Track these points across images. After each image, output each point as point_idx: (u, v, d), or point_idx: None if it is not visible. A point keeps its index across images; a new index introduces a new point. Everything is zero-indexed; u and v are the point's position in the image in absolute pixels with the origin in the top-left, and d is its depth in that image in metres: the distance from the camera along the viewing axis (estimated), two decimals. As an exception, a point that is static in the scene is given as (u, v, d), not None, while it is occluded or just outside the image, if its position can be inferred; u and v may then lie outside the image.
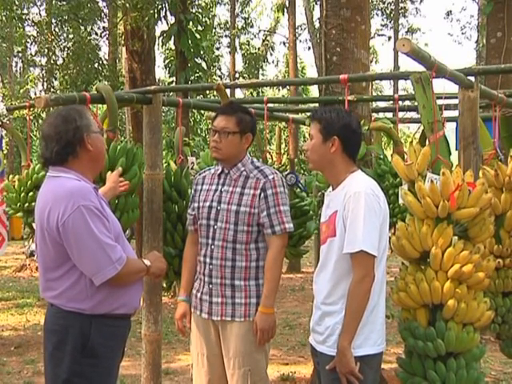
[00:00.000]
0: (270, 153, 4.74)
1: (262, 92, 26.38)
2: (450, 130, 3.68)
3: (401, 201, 3.03)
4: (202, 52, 13.10)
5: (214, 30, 20.84)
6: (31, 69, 16.49)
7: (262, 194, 3.08)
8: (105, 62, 12.98)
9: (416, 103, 3.02)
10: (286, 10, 21.38)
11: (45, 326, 2.67)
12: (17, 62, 24.75)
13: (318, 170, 2.99)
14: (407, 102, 4.85)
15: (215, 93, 4.82)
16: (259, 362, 3.11)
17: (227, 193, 3.13)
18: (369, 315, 2.61)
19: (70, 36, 12.17)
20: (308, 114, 5.30)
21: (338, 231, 2.62)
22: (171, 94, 11.81)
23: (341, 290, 2.62)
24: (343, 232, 2.60)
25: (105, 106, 3.77)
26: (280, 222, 3.07)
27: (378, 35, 26.75)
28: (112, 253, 2.48)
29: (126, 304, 2.63)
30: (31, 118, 10.91)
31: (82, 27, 11.84)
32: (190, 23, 12.48)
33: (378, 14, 25.06)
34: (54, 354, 2.58)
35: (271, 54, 26.67)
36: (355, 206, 2.56)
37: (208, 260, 3.14)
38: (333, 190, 2.79)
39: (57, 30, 12.26)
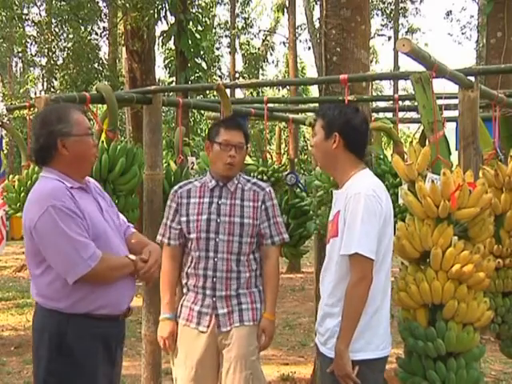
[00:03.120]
0: (269, 153, 4.74)
1: (262, 92, 26.34)
2: (450, 129, 3.67)
3: (401, 201, 3.04)
4: (201, 52, 13.11)
5: (214, 30, 20.83)
6: (31, 69, 16.50)
7: (263, 206, 3.16)
8: (105, 62, 12.99)
9: (416, 103, 3.02)
10: (286, 9, 21.37)
11: (32, 325, 2.69)
12: (17, 62, 24.77)
13: (323, 168, 2.95)
14: (407, 102, 4.85)
15: (215, 93, 4.82)
16: (258, 365, 3.14)
17: (226, 205, 3.13)
18: (370, 319, 2.56)
19: (70, 36, 12.16)
20: (308, 114, 5.30)
21: (340, 232, 2.60)
22: (171, 94, 11.80)
23: (340, 291, 2.59)
24: (343, 233, 2.58)
25: (105, 106, 3.77)
26: (278, 232, 3.19)
27: (378, 35, 26.76)
28: (83, 250, 2.46)
29: (107, 305, 2.58)
30: (31, 117, 10.90)
31: (82, 27, 11.84)
32: (190, 23, 12.49)
33: (377, 14, 25.04)
34: (36, 352, 2.59)
35: (271, 54, 26.67)
36: (354, 208, 2.53)
37: (210, 273, 3.11)
38: (339, 188, 2.75)
39: (57, 30, 12.25)
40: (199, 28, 13.04)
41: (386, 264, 2.64)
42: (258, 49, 26.39)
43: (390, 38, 26.47)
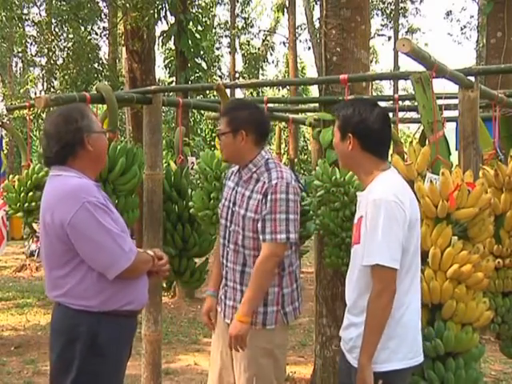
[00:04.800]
0: (269, 153, 4.73)
1: (262, 92, 26.34)
2: (450, 129, 3.67)
3: (400, 201, 3.03)
4: (201, 52, 13.08)
5: (214, 30, 20.83)
6: (31, 69, 16.48)
7: (264, 200, 2.91)
8: (105, 62, 12.99)
9: (416, 103, 3.02)
10: (286, 9, 21.43)
11: (52, 327, 2.64)
12: (17, 62, 24.72)
13: (346, 168, 2.83)
14: (407, 102, 4.84)
15: (215, 93, 4.82)
16: (265, 368, 3.01)
17: (239, 194, 3.03)
18: (395, 327, 2.40)
19: (70, 36, 12.15)
20: (308, 114, 5.30)
21: (362, 239, 2.44)
22: (171, 94, 11.80)
23: (363, 301, 2.43)
24: (365, 241, 2.43)
25: (105, 106, 3.77)
26: (272, 230, 2.87)
27: (378, 35, 26.79)
28: (124, 244, 2.49)
29: (133, 300, 2.61)
30: (31, 117, 10.90)
31: (82, 27, 11.83)
32: (190, 23, 12.47)
33: (377, 14, 25.09)
34: (63, 353, 2.55)
35: (271, 54, 26.71)
36: (374, 216, 2.37)
37: (224, 262, 3.09)
38: (363, 189, 2.59)
39: (57, 30, 12.24)
40: (199, 28, 13.02)
41: (413, 267, 2.48)
42: (258, 49, 26.40)
43: (390, 38, 26.51)
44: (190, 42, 12.29)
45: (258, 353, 3.00)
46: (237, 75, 23.41)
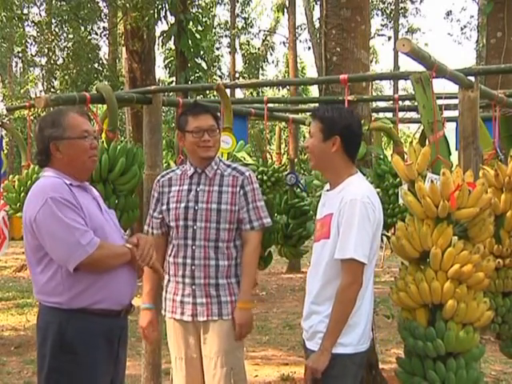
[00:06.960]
0: (269, 153, 4.73)
1: (262, 92, 26.33)
2: (450, 129, 3.67)
3: (401, 201, 3.04)
4: (201, 52, 13.10)
5: (214, 30, 20.85)
6: (31, 69, 16.50)
7: (242, 191, 3.11)
8: (105, 62, 13.01)
9: (416, 103, 3.03)
10: (286, 9, 21.43)
11: (35, 324, 2.72)
12: (17, 62, 24.75)
13: (318, 169, 2.95)
14: (407, 102, 4.85)
15: (215, 93, 4.82)
16: (240, 361, 3.12)
17: (204, 192, 3.11)
18: (352, 316, 2.61)
19: (70, 36, 12.18)
20: (308, 113, 5.30)
21: (332, 235, 2.62)
22: (171, 93, 11.80)
23: (329, 291, 2.63)
24: (337, 236, 2.60)
25: (105, 106, 3.77)
26: (258, 217, 3.13)
27: (378, 35, 26.77)
28: (82, 237, 2.50)
29: (106, 299, 2.59)
30: (31, 118, 10.90)
31: (82, 27, 11.86)
32: (190, 23, 12.48)
33: (377, 14, 25.07)
34: (39, 350, 2.62)
35: (271, 54, 26.71)
36: (350, 214, 2.56)
37: (189, 261, 3.10)
38: (330, 189, 2.77)
39: (57, 30, 12.27)
40: (199, 28, 13.04)
41: (373, 263, 2.70)
42: (258, 49, 26.40)
43: (390, 38, 26.50)
44: (190, 41, 12.30)
45: (234, 345, 3.08)
46: (237, 75, 23.42)
